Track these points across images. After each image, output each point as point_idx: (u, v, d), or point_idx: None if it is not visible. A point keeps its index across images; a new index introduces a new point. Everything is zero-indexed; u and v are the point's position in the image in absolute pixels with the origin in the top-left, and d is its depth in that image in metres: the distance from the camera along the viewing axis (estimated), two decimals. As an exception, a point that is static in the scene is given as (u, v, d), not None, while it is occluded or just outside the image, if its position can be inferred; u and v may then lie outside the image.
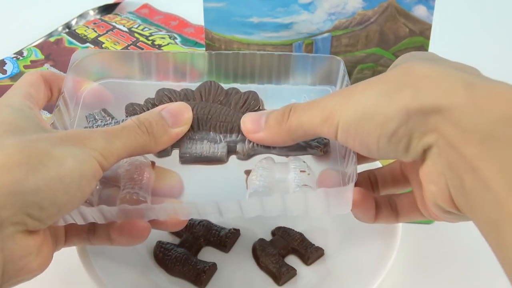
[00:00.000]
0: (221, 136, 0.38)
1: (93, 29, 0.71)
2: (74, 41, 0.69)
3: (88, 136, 0.32)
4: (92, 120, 0.39)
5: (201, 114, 0.39)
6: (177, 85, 0.42)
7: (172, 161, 0.38)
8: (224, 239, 0.46)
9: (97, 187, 0.36)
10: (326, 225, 0.48)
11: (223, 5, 0.53)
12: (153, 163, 0.37)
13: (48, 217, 0.29)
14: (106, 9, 0.77)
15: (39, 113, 0.35)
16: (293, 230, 0.47)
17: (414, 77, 0.30)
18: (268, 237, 0.47)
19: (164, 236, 0.47)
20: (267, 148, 0.38)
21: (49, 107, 0.40)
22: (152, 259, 0.45)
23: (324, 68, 0.42)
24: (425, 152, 0.30)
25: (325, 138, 0.38)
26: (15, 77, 0.64)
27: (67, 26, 0.73)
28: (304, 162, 0.37)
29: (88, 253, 0.42)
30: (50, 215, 0.29)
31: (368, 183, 0.38)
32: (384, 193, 0.38)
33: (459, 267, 0.47)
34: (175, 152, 0.38)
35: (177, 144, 0.38)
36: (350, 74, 0.57)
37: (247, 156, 0.38)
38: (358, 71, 0.57)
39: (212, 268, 0.44)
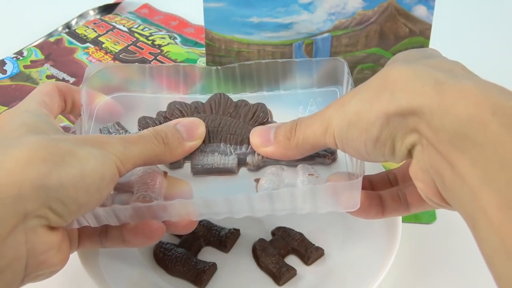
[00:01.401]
0: (231, 148, 0.39)
1: (93, 29, 0.71)
2: (74, 41, 0.69)
3: (107, 141, 0.33)
4: (106, 133, 0.40)
5: (212, 127, 0.40)
6: (188, 98, 0.43)
7: (184, 173, 0.39)
8: (224, 239, 0.46)
9: (111, 192, 0.36)
10: (326, 225, 0.48)
11: (223, 5, 0.53)
12: (165, 173, 0.38)
13: (69, 214, 0.30)
14: (106, 9, 0.77)
15: (54, 121, 0.36)
16: (293, 230, 0.47)
17: (389, 81, 0.30)
18: (268, 237, 0.47)
19: (164, 236, 0.46)
20: (276, 159, 0.38)
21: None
22: (152, 259, 0.45)
23: (328, 70, 0.42)
24: (410, 152, 0.31)
25: None
26: (15, 77, 0.64)
27: (67, 26, 0.73)
28: (312, 168, 0.38)
29: (88, 252, 0.42)
30: (71, 212, 0.30)
31: (387, 181, 0.39)
32: None
33: (460, 267, 0.47)
34: (187, 165, 0.39)
35: (189, 157, 0.39)
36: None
37: (257, 167, 0.39)
38: (358, 71, 0.57)
39: (212, 268, 0.44)
